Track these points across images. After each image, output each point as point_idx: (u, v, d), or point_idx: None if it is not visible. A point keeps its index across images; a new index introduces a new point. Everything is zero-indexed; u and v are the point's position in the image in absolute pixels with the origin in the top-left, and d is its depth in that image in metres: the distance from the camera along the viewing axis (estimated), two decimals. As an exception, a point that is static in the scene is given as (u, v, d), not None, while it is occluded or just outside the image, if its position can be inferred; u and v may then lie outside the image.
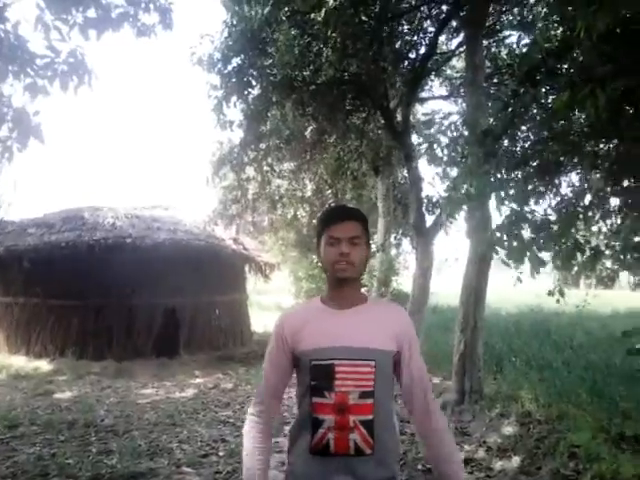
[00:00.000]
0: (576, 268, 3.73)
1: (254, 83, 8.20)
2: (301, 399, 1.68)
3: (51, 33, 4.75)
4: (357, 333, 1.64)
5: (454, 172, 4.92)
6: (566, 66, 4.15)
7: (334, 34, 7.17)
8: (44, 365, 8.74)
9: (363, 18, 7.57)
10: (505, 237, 3.62)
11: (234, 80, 7.90)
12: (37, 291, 9.39)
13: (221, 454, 4.67)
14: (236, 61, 7.90)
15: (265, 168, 11.87)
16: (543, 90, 4.50)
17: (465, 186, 4.11)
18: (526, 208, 3.81)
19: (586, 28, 2.98)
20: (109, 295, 9.32)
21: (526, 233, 3.65)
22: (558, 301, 4.08)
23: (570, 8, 3.54)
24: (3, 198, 4.45)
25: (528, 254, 3.43)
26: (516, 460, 4.22)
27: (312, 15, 6.96)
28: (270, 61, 8.02)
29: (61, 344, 9.19)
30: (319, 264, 1.84)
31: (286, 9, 7.35)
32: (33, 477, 4.04)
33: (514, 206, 3.78)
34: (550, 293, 4.04)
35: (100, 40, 5.10)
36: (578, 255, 3.65)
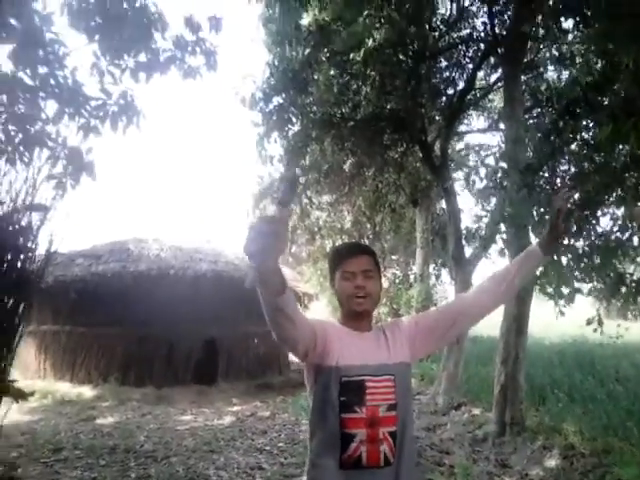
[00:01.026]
0: (620, 300, 3.66)
1: (294, 120, 8.46)
2: (323, 417, 1.69)
3: (105, 77, 5.05)
4: (376, 352, 1.75)
5: (492, 203, 4.93)
6: (607, 100, 4.16)
7: (372, 73, 7.37)
8: (87, 391, 8.96)
9: (401, 57, 7.76)
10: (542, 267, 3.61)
11: (275, 117, 8.18)
12: (83, 320, 9.68)
13: (257, 482, 4.69)
14: (277, 99, 8.20)
15: (304, 201, 12.08)
16: (583, 123, 4.52)
17: (505, 213, 4.14)
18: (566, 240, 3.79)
19: (629, 62, 3.02)
20: (151, 324, 9.53)
21: (565, 263, 3.63)
22: (596, 330, 4.00)
23: (611, 43, 3.58)
24: (57, 232, 4.73)
25: (564, 285, 3.40)
26: (559, 493, 4.09)
27: (351, 55, 7.17)
28: (310, 99, 8.28)
29: (104, 371, 9.42)
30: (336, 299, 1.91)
31: (326, 50, 7.61)
32: (76, 500, 4.15)
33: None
34: (589, 322, 3.97)
35: (149, 82, 5.40)
36: (621, 287, 3.59)
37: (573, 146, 4.55)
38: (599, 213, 4.43)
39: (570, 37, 7.70)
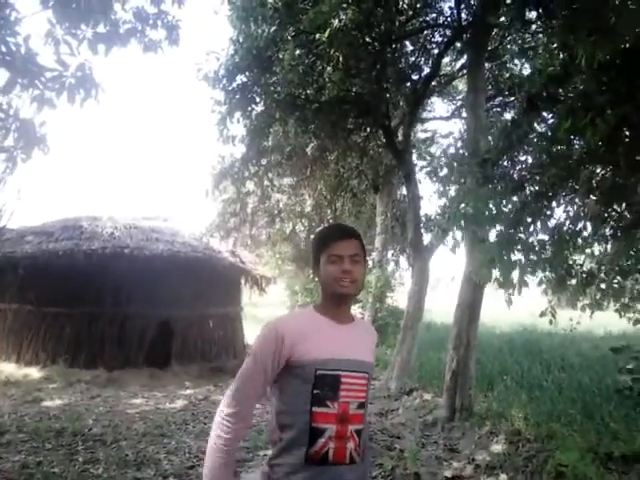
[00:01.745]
0: (569, 291, 3.76)
1: (258, 100, 8.30)
2: (292, 406, 1.64)
3: (61, 47, 4.82)
4: (355, 347, 1.72)
5: (452, 191, 4.97)
6: (566, 93, 4.21)
7: (338, 54, 7.26)
8: (34, 372, 8.67)
9: (367, 39, 7.69)
10: (496, 258, 3.65)
11: (238, 96, 8.00)
12: (31, 298, 9.35)
13: (208, 467, 4.63)
14: (241, 78, 8.01)
15: (265, 183, 11.95)
16: (543, 116, 4.57)
17: (462, 206, 4.16)
18: (520, 231, 3.85)
19: (587, 57, 3.04)
20: (103, 304, 9.29)
21: (515, 256, 3.69)
22: (551, 322, 4.10)
23: (572, 37, 3.61)
24: (6, 207, 4.50)
25: (514, 276, 3.47)
26: (504, 478, 4.22)
27: (317, 35, 7.05)
28: (274, 79, 8.12)
29: (53, 352, 9.12)
30: (316, 280, 1.85)
31: (291, 29, 7.46)
32: (18, 485, 4.00)
33: (507, 228, 3.83)
34: (542, 314, 4.06)
35: (108, 55, 5.18)
36: (570, 279, 3.68)
37: (532, 137, 4.60)
38: (553, 204, 4.52)
39: (533, 27, 7.80)
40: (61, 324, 9.26)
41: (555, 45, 4.95)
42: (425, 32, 9.12)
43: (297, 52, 7.77)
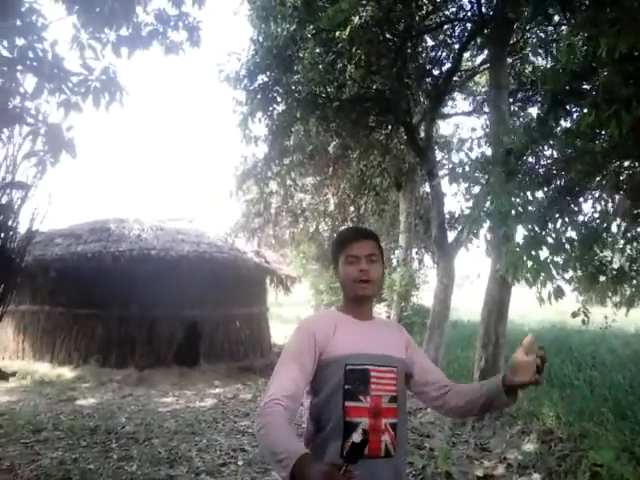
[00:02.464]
0: (599, 289, 3.70)
1: (279, 99, 8.34)
2: (325, 405, 1.67)
3: (85, 52, 4.92)
4: (380, 342, 1.76)
5: (477, 188, 4.93)
6: (591, 88, 4.14)
7: (358, 51, 7.27)
8: (67, 372, 8.91)
9: (387, 36, 7.67)
10: (524, 257, 3.62)
11: (259, 96, 8.05)
12: (63, 300, 9.58)
13: (240, 463, 4.72)
14: (262, 78, 8.06)
15: (288, 182, 11.99)
16: (567, 110, 4.50)
17: (487, 204, 4.13)
18: (547, 228, 3.81)
19: (609, 49, 3.00)
20: (132, 305, 9.47)
21: (544, 254, 3.65)
22: (584, 322, 4.02)
23: (594, 29, 3.56)
24: (38, 211, 4.64)
25: (542, 275, 3.42)
26: (536, 477, 4.18)
27: (337, 33, 7.06)
28: (295, 78, 8.15)
29: (84, 352, 9.35)
30: (337, 283, 1.89)
31: (311, 27, 7.48)
32: (56, 481, 4.13)
33: (534, 227, 3.79)
34: (574, 315, 3.99)
35: (131, 58, 5.27)
36: (600, 277, 3.62)
37: (557, 132, 4.54)
38: (581, 200, 4.45)
39: (556, 18, 7.67)
40: (92, 325, 9.48)
41: (578, 37, 4.88)
42: (445, 27, 9.05)
43: (317, 50, 7.79)
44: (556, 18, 7.66)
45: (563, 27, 7.63)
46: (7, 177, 4.30)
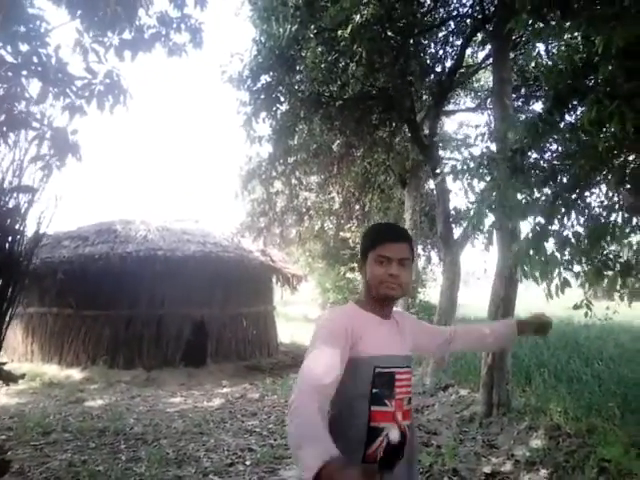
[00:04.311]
0: (606, 283, 3.68)
1: (282, 99, 8.35)
2: (348, 408, 1.60)
3: (89, 55, 4.94)
4: (400, 342, 1.72)
5: (481, 184, 4.91)
6: (595, 84, 4.12)
7: (360, 50, 7.25)
8: (76, 373, 8.96)
9: (389, 34, 7.65)
10: (531, 252, 3.61)
11: (263, 97, 8.06)
12: (70, 302, 9.64)
13: (247, 463, 4.72)
14: (265, 78, 8.06)
15: (293, 181, 11.99)
16: (570, 106, 4.47)
17: (492, 199, 4.11)
18: (553, 223, 3.79)
19: (605, 45, 2.98)
20: (140, 306, 9.52)
21: (551, 248, 3.64)
22: (586, 314, 4.02)
23: (590, 28, 3.54)
24: (45, 214, 4.65)
25: (550, 270, 3.41)
26: (544, 473, 4.15)
27: (339, 32, 7.05)
28: (298, 77, 8.16)
29: (92, 353, 9.41)
30: (358, 275, 1.89)
31: (313, 27, 7.47)
32: (66, 483, 4.15)
33: (540, 221, 3.78)
34: (576, 307, 3.98)
35: (134, 61, 5.29)
36: (607, 271, 3.61)
37: (561, 128, 4.52)
38: (586, 195, 4.43)
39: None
40: (100, 326, 9.54)
41: (577, 34, 4.85)
42: (447, 23, 9.02)
43: (319, 50, 7.78)
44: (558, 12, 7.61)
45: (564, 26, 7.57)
46: (14, 181, 4.32)
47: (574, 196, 3.94)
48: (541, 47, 7.32)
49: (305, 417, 1.31)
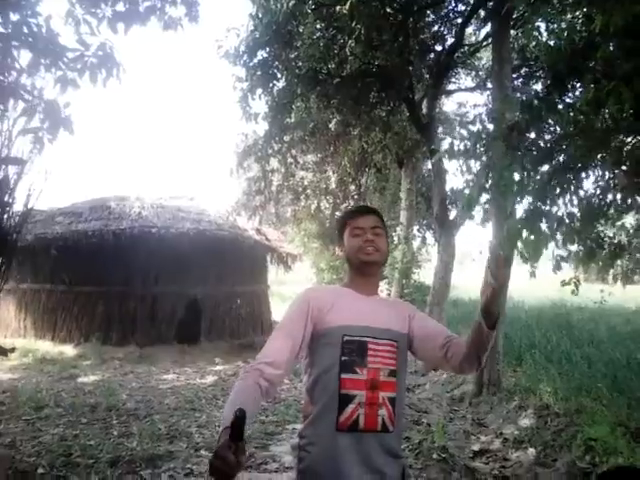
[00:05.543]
0: (599, 263, 3.68)
1: (279, 76, 8.24)
2: (321, 377, 1.65)
3: (81, 27, 4.83)
4: (381, 316, 1.73)
5: (478, 165, 4.87)
6: (594, 65, 4.06)
7: (359, 26, 7.13)
8: (69, 350, 8.96)
9: (389, 10, 7.52)
10: (525, 232, 3.59)
11: (259, 73, 7.95)
12: (64, 278, 9.61)
13: (238, 439, 4.74)
14: (261, 54, 7.96)
15: (289, 160, 11.92)
16: (569, 86, 4.42)
17: (488, 178, 4.08)
18: (547, 203, 3.77)
19: (603, 24, 2.93)
20: (133, 283, 9.50)
21: (545, 228, 3.62)
22: (573, 292, 4.02)
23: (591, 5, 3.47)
24: (34, 187, 4.60)
25: (545, 250, 3.40)
26: (532, 452, 4.21)
27: (337, 8, 6.93)
28: (295, 54, 8.04)
29: (86, 330, 9.41)
30: (340, 256, 1.89)
31: (311, 2, 7.35)
32: (57, 457, 4.15)
33: (535, 201, 3.76)
34: (564, 283, 3.99)
35: (128, 34, 5.17)
36: (599, 251, 3.60)
37: (559, 108, 4.46)
38: (582, 175, 4.40)
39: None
40: (93, 303, 9.52)
41: (577, 13, 4.78)
42: (448, 1, 8.86)
43: (317, 26, 7.68)
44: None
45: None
46: (2, 152, 4.26)
47: (569, 176, 3.91)
48: (541, 26, 7.19)
49: (237, 388, 1.51)
